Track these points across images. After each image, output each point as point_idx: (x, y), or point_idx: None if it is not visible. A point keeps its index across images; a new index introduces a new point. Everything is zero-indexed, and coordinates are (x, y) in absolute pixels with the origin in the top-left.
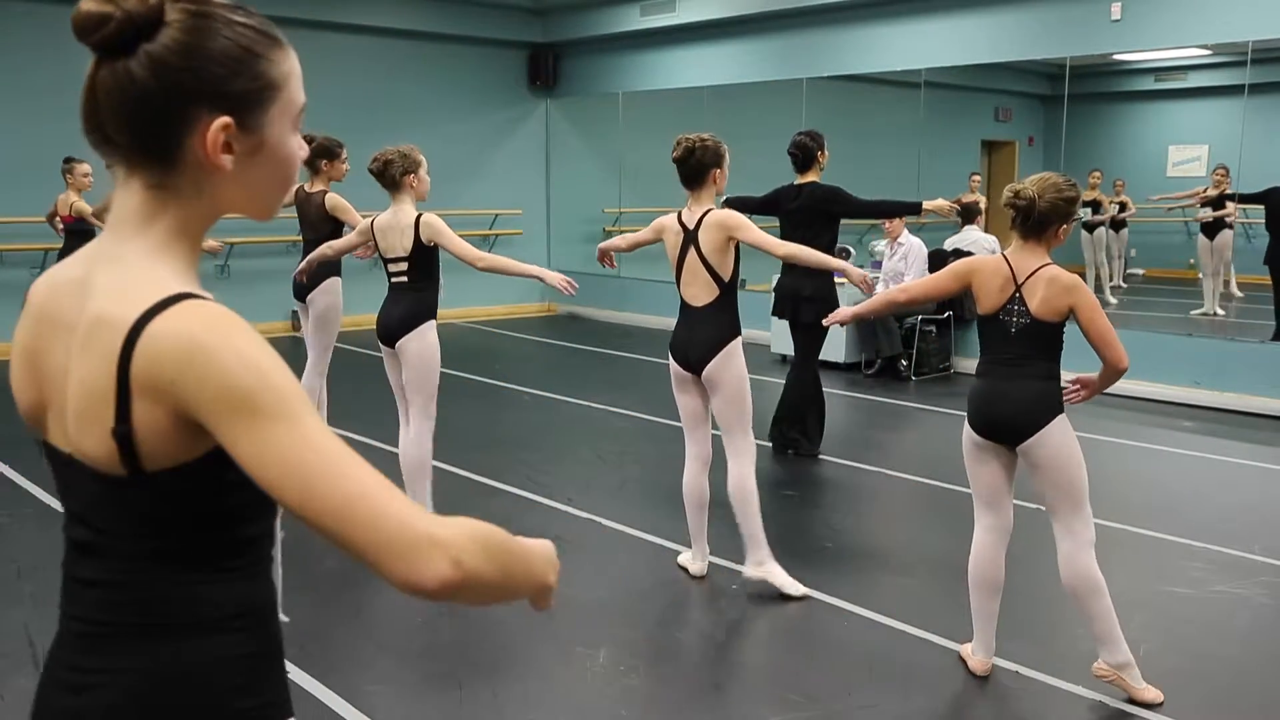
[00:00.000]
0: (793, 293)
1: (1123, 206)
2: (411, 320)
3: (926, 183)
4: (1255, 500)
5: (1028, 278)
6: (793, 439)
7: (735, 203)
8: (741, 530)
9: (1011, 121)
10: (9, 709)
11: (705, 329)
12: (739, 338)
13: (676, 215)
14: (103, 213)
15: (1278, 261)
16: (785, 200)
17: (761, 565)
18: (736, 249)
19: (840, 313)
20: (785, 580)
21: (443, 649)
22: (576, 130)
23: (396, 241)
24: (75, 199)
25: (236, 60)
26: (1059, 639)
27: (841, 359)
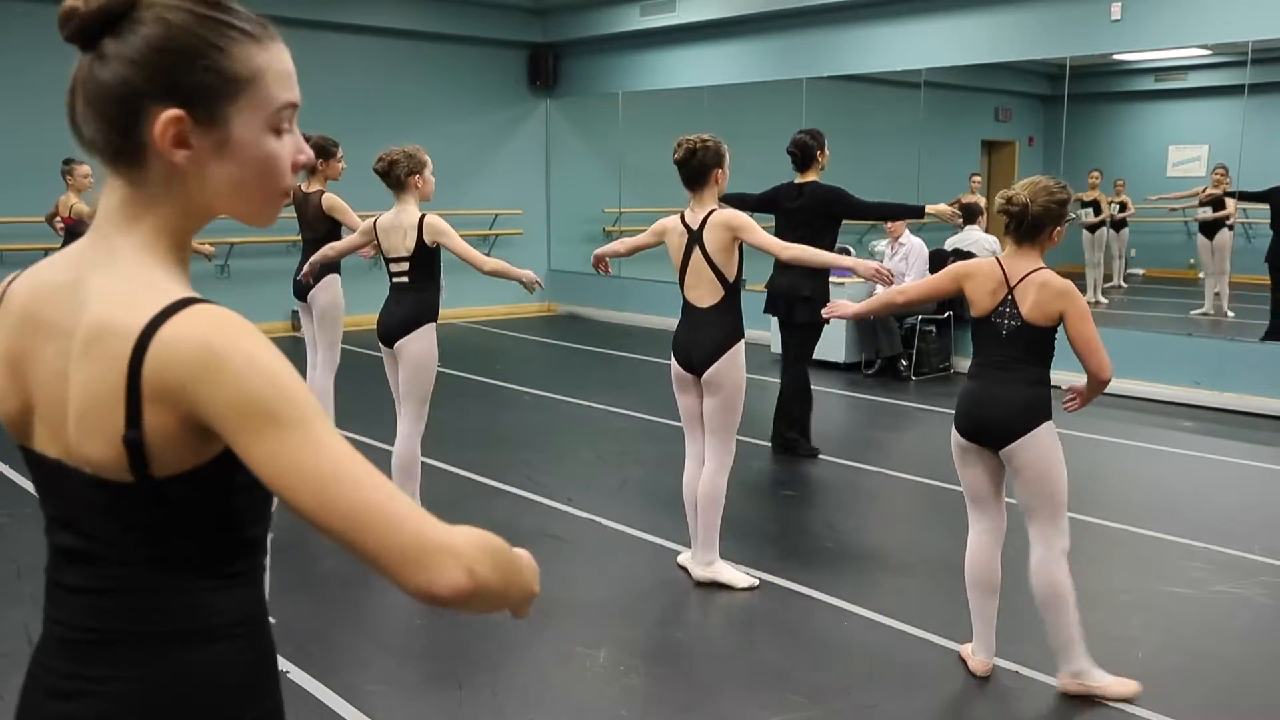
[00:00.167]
0: (790, 292)
1: (1123, 206)
2: (412, 322)
3: (926, 183)
4: (1255, 500)
5: (1020, 281)
6: (791, 439)
7: (733, 200)
8: (699, 529)
9: (1011, 121)
10: (9, 709)
11: (709, 331)
12: (742, 340)
13: (679, 216)
14: (51, 217)
15: (1274, 261)
16: (785, 199)
17: (710, 565)
18: (740, 249)
19: (843, 306)
20: (733, 576)
21: (443, 649)
22: (576, 130)
23: (399, 242)
24: (75, 200)
25: (191, 53)
26: None
27: (841, 359)
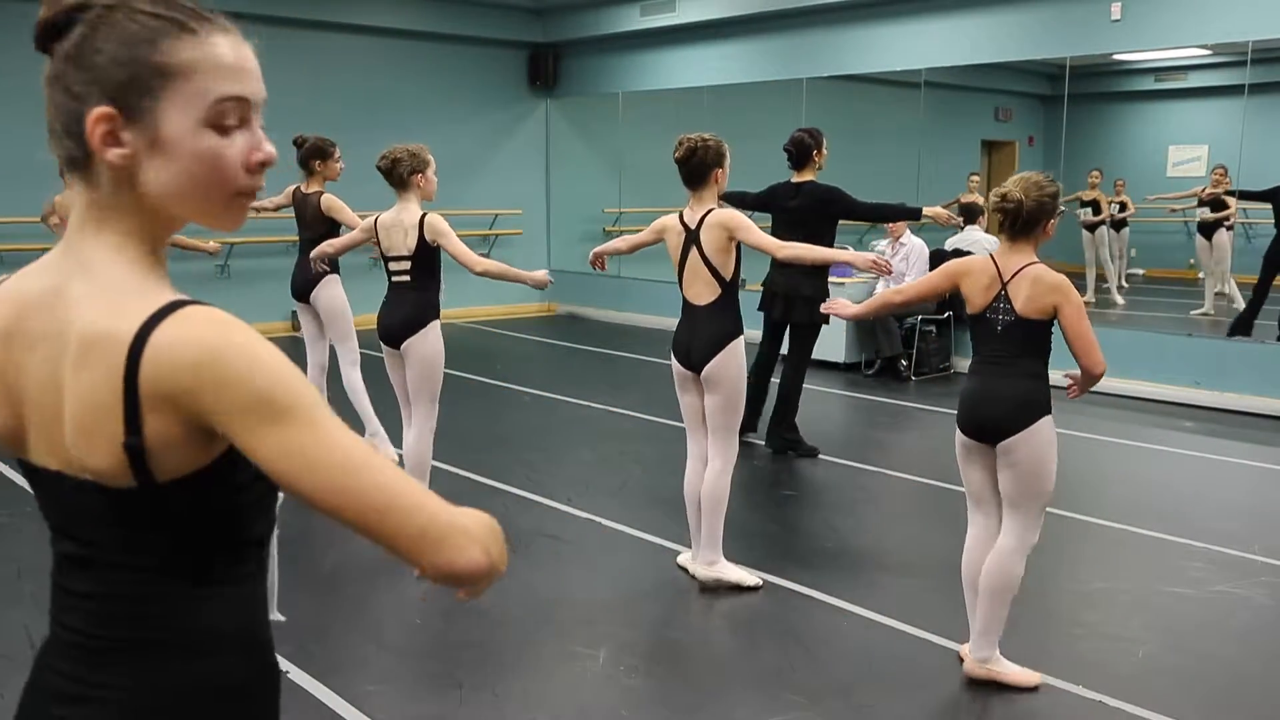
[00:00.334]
0: (788, 292)
1: (1123, 207)
2: (416, 321)
3: (926, 183)
4: (1255, 500)
5: (1013, 277)
6: (791, 440)
7: (732, 199)
8: (703, 529)
9: (1011, 121)
10: (9, 709)
11: (707, 328)
12: (740, 337)
13: (678, 215)
14: (48, 217)
15: (1273, 261)
16: (782, 198)
17: (713, 565)
18: (738, 248)
19: (841, 305)
20: (739, 575)
21: (443, 649)
22: (576, 130)
23: (400, 240)
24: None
25: (118, 47)
26: (1058, 639)
27: (841, 359)
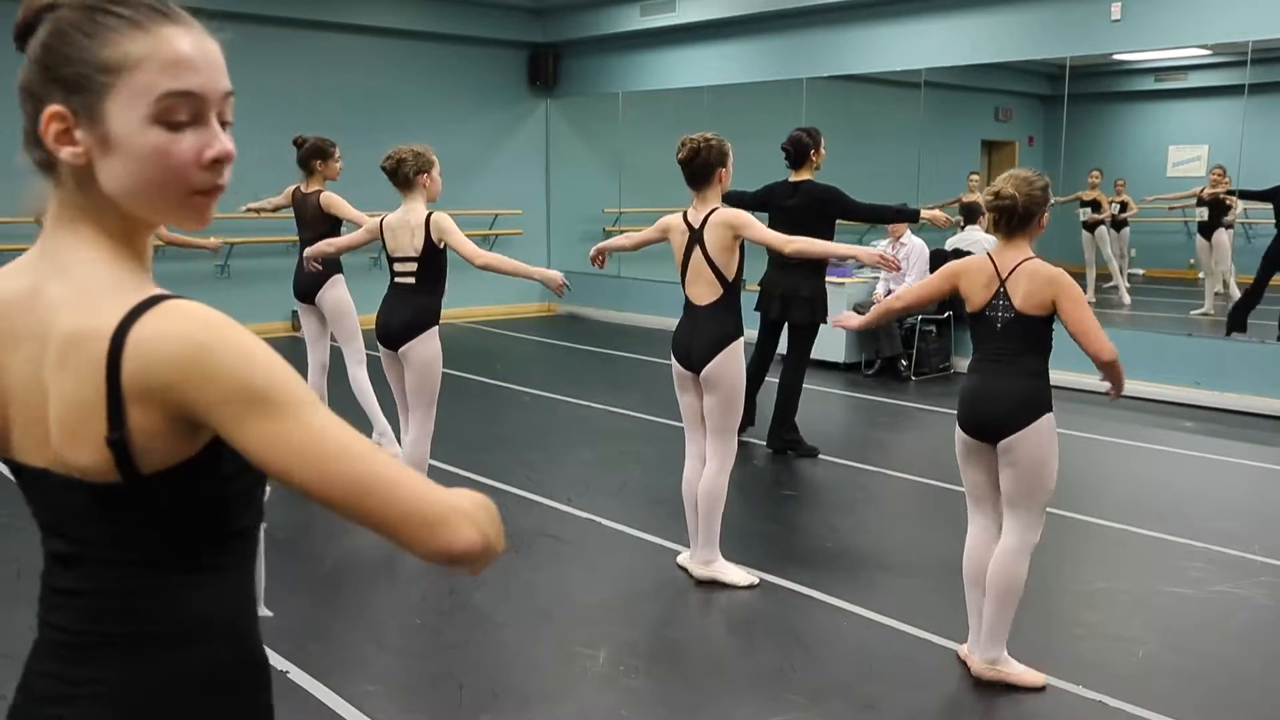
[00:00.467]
0: (786, 292)
1: (1123, 206)
2: (416, 326)
3: (926, 183)
4: (1255, 500)
5: (1010, 273)
6: (791, 440)
7: (730, 198)
8: (700, 528)
9: (1011, 121)
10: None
11: (708, 328)
12: (740, 339)
13: (682, 214)
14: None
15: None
16: (780, 197)
17: (709, 565)
18: (741, 249)
19: (847, 318)
20: (734, 574)
21: (443, 649)
22: (576, 130)
23: (407, 241)
24: None
25: (64, 43)
26: (1058, 639)
27: (841, 359)
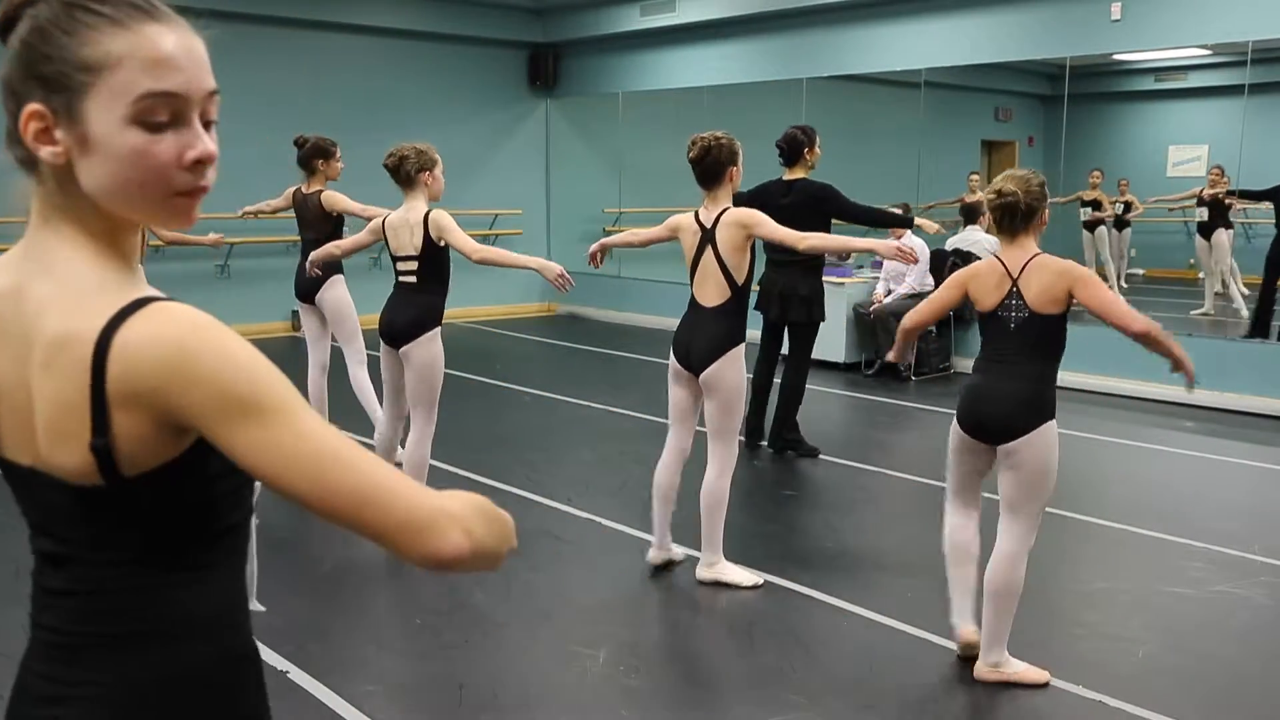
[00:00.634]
0: (785, 291)
1: (1127, 207)
2: (418, 327)
3: (926, 183)
4: (1255, 500)
5: (1022, 270)
6: (791, 440)
7: None
8: (702, 530)
9: (1011, 121)
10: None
11: (711, 331)
12: (742, 345)
13: (694, 214)
14: None
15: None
16: (775, 195)
17: (713, 567)
18: (752, 250)
19: (898, 354)
20: (738, 575)
21: (443, 649)
22: (576, 130)
23: (407, 240)
24: None
25: (44, 40)
26: (1057, 639)
27: (841, 359)
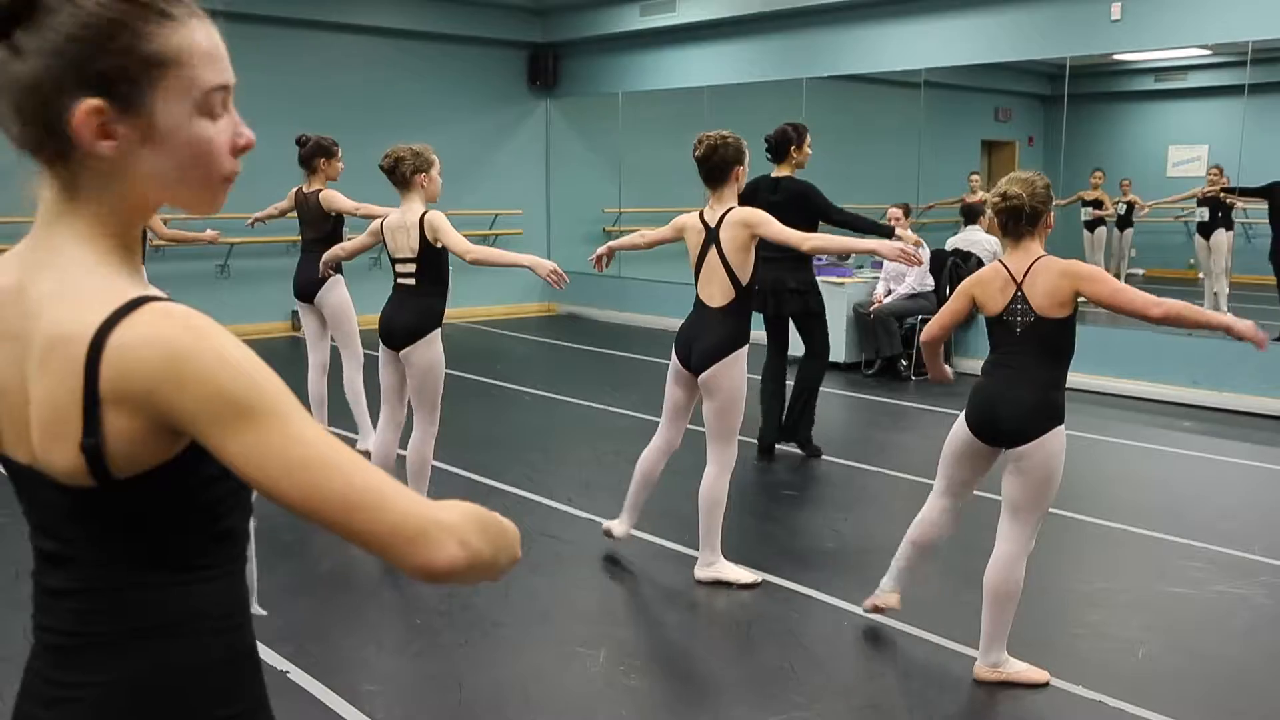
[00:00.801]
0: (774, 286)
1: (1130, 207)
2: (417, 330)
3: (926, 183)
4: (1255, 500)
5: (1026, 273)
6: (802, 438)
7: None
8: (700, 530)
9: (1011, 121)
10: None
11: (714, 331)
12: (745, 347)
13: (699, 214)
14: None
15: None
16: (763, 192)
17: (711, 566)
18: (757, 251)
19: (937, 372)
20: (736, 574)
21: (443, 649)
22: (576, 130)
23: (404, 241)
24: None
25: (102, 35)
26: (1058, 639)
27: (841, 359)
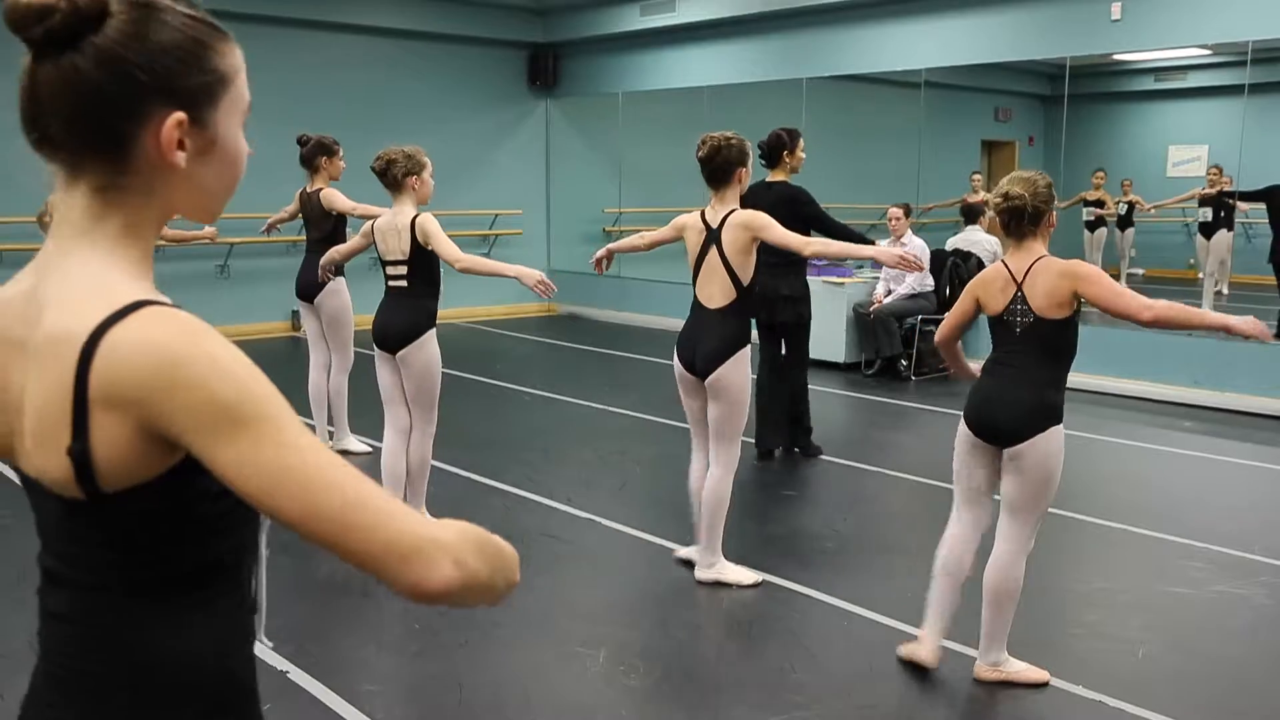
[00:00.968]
0: (768, 293)
1: (1131, 207)
2: (412, 332)
3: (926, 183)
4: (1255, 500)
5: (1026, 273)
6: (803, 443)
7: None
8: (701, 531)
9: (1011, 121)
10: (9, 710)
11: (714, 333)
12: (747, 347)
13: (700, 214)
14: (43, 216)
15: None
16: (759, 197)
17: (712, 567)
18: (757, 253)
19: (962, 370)
20: (738, 574)
21: (443, 649)
22: (576, 130)
23: (395, 244)
24: None
25: (188, 53)
26: (1057, 639)
27: (841, 359)
